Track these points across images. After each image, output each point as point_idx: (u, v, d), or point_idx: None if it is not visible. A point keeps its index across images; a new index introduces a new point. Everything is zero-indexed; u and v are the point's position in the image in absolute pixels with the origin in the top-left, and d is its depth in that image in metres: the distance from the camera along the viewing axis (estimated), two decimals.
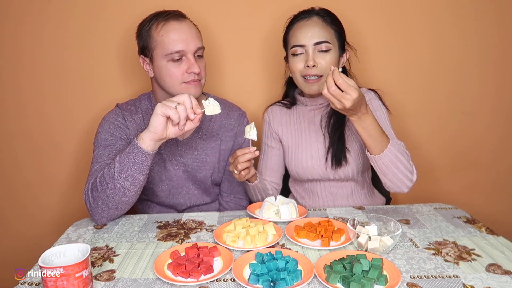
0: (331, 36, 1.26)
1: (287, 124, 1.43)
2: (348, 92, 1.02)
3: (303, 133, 1.40)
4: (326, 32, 1.25)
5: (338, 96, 1.03)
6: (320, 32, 1.24)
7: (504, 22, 1.63)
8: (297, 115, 1.42)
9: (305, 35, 1.25)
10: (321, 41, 1.24)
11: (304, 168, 1.37)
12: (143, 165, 1.10)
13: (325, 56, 1.25)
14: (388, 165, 1.12)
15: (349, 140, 1.32)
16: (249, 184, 1.34)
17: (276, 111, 1.47)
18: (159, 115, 1.03)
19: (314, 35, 1.24)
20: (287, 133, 1.43)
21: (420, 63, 1.67)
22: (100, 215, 1.15)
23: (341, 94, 1.03)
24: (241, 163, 1.18)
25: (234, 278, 0.85)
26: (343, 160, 1.30)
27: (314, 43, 1.24)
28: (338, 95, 1.03)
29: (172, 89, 1.25)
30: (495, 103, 1.72)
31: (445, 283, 0.84)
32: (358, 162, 1.32)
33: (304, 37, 1.25)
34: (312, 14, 1.28)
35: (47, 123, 1.69)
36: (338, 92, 1.03)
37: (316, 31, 1.24)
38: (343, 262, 0.87)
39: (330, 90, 1.03)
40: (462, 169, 1.78)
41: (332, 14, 1.30)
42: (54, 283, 0.75)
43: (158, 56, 1.23)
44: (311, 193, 1.44)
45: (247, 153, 1.18)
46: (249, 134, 1.17)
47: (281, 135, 1.44)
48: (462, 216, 1.19)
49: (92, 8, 1.60)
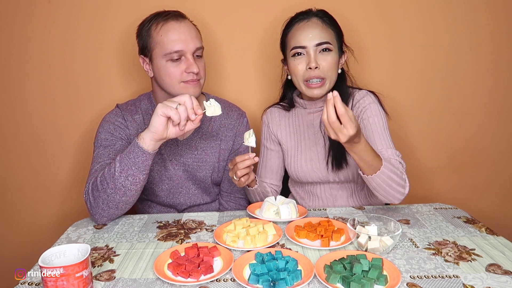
0: (331, 37, 1.25)
1: (286, 127, 1.43)
2: (346, 127, 0.98)
3: (302, 135, 1.40)
4: (326, 33, 1.25)
5: (336, 129, 1.00)
6: (321, 33, 1.24)
7: (496, 23, 1.64)
8: (296, 117, 1.42)
9: (306, 36, 1.24)
10: (323, 42, 1.23)
11: (304, 171, 1.37)
12: (143, 165, 1.10)
13: (326, 57, 1.24)
14: (380, 184, 1.12)
15: None
16: (249, 188, 1.34)
17: (275, 113, 1.46)
18: (159, 115, 1.04)
19: (315, 36, 1.23)
20: (286, 135, 1.42)
21: (414, 64, 1.68)
22: (100, 214, 1.15)
23: (339, 127, 0.99)
24: (240, 169, 1.17)
25: (234, 278, 0.85)
26: (343, 162, 1.30)
27: (316, 44, 1.23)
28: (336, 128, 0.99)
29: (171, 89, 1.25)
30: (492, 102, 1.73)
31: (445, 283, 0.84)
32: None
33: (304, 38, 1.24)
34: (311, 15, 1.27)
35: (47, 123, 1.70)
36: (337, 126, 0.99)
37: (317, 32, 1.24)
38: (343, 262, 0.87)
39: (329, 120, 1.00)
40: (461, 169, 1.79)
41: (330, 15, 1.30)
42: (54, 283, 0.75)
43: (157, 56, 1.23)
44: (311, 195, 1.44)
45: (247, 160, 1.16)
46: (248, 141, 1.16)
47: (280, 138, 1.43)
48: (462, 216, 1.19)
49: (93, 8, 1.60)
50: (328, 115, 0.99)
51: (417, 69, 1.69)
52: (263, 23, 1.63)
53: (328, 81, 1.26)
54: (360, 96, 1.31)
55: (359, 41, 1.57)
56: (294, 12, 1.33)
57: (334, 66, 1.25)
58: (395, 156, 1.21)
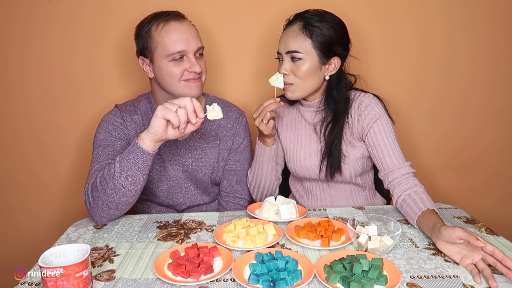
0: (304, 45, 1.21)
1: (287, 121, 1.43)
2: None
3: (302, 131, 1.40)
4: (299, 41, 1.22)
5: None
6: (292, 42, 1.22)
7: (495, 23, 1.64)
8: (297, 113, 1.42)
9: (281, 43, 1.25)
10: (290, 50, 1.22)
11: (302, 167, 1.38)
12: (143, 165, 1.10)
13: (298, 65, 1.23)
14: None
15: (347, 148, 1.30)
16: (266, 148, 1.32)
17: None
18: (159, 117, 1.03)
19: (286, 44, 1.23)
20: (286, 129, 1.42)
21: (412, 64, 1.68)
22: (100, 215, 1.15)
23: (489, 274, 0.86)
24: (269, 111, 1.21)
25: (234, 278, 0.85)
26: (337, 170, 1.30)
27: (286, 52, 1.24)
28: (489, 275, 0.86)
29: (172, 88, 1.25)
30: (491, 102, 1.73)
31: (445, 283, 0.84)
32: (356, 167, 1.31)
33: (280, 45, 1.26)
34: (296, 21, 1.25)
35: (46, 123, 1.70)
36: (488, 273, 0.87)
37: (290, 40, 1.23)
38: (343, 262, 0.87)
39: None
40: (461, 169, 1.79)
41: (322, 19, 1.23)
42: (54, 283, 0.75)
43: (159, 56, 1.23)
44: (310, 193, 1.44)
45: (273, 103, 1.21)
46: (276, 83, 1.24)
47: (280, 131, 1.43)
48: (462, 216, 1.19)
49: (92, 8, 1.60)
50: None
51: (415, 69, 1.69)
52: (263, 23, 1.63)
53: (297, 86, 1.25)
54: (366, 104, 1.28)
55: (355, 42, 1.57)
56: (294, 12, 1.33)
57: (306, 75, 1.23)
58: (408, 169, 1.22)
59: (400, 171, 1.22)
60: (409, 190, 1.17)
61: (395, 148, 1.25)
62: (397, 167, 1.22)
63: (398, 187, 1.20)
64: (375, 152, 1.27)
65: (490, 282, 0.83)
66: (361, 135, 1.30)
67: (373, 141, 1.27)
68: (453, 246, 0.93)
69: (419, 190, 1.16)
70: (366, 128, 1.27)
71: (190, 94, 1.24)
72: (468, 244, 0.91)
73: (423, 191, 1.16)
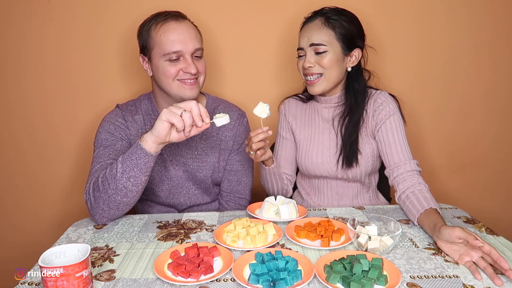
0: (328, 37, 1.26)
1: (301, 118, 1.44)
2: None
3: (316, 128, 1.41)
4: (322, 34, 1.26)
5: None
6: (316, 35, 1.26)
7: (497, 23, 1.64)
8: (312, 110, 1.44)
9: (303, 39, 1.30)
10: (315, 43, 1.26)
11: (313, 163, 1.38)
12: (145, 166, 1.10)
13: (321, 57, 1.27)
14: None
15: (362, 143, 1.32)
16: (266, 168, 1.33)
17: (292, 104, 1.48)
18: (163, 120, 1.03)
19: (310, 38, 1.27)
20: (300, 126, 1.44)
21: (414, 64, 1.68)
22: (100, 215, 1.15)
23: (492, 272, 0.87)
24: (255, 143, 1.18)
25: (234, 278, 0.85)
26: (354, 162, 1.31)
27: (309, 45, 1.27)
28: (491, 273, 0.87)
29: (167, 87, 1.25)
30: (493, 103, 1.72)
31: (445, 283, 0.84)
32: (367, 165, 1.32)
33: (302, 41, 1.30)
34: (317, 16, 1.29)
35: (46, 123, 1.70)
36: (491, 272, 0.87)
37: (313, 34, 1.27)
38: (343, 262, 0.87)
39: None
40: (462, 169, 1.79)
41: (339, 13, 1.29)
42: (54, 283, 0.75)
43: (156, 55, 1.23)
44: (317, 191, 1.44)
45: (260, 133, 1.18)
46: (259, 112, 1.18)
47: (294, 128, 1.45)
48: (462, 216, 1.19)
49: (93, 8, 1.60)
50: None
51: (417, 69, 1.69)
52: (263, 23, 1.63)
53: (325, 77, 1.28)
54: (381, 100, 1.32)
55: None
56: (293, 12, 1.34)
57: (331, 65, 1.27)
58: (414, 167, 1.23)
59: (406, 167, 1.23)
60: (413, 187, 1.18)
61: (404, 146, 1.27)
62: (403, 163, 1.24)
63: (402, 183, 1.21)
64: (383, 147, 1.29)
65: (495, 281, 0.84)
66: (373, 131, 1.32)
67: (383, 136, 1.29)
68: (453, 245, 0.94)
69: (423, 189, 1.17)
70: (379, 124, 1.30)
71: (184, 94, 1.24)
72: (467, 244, 0.92)
73: (427, 190, 1.17)
